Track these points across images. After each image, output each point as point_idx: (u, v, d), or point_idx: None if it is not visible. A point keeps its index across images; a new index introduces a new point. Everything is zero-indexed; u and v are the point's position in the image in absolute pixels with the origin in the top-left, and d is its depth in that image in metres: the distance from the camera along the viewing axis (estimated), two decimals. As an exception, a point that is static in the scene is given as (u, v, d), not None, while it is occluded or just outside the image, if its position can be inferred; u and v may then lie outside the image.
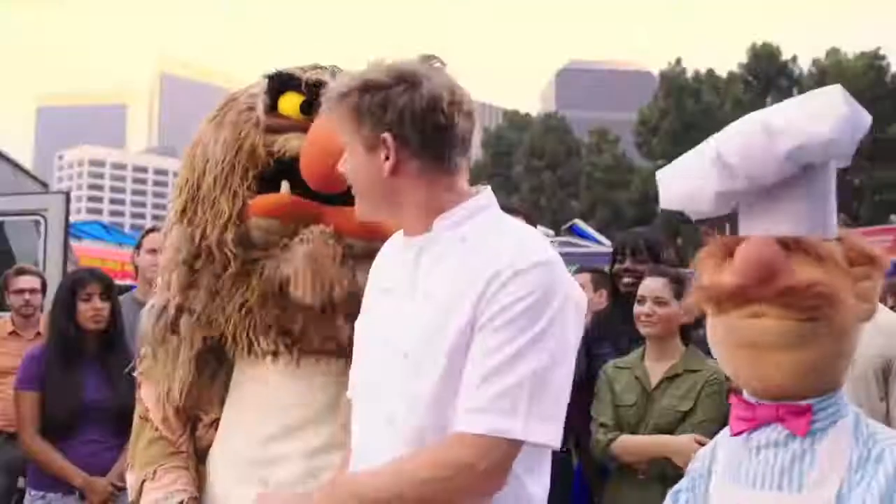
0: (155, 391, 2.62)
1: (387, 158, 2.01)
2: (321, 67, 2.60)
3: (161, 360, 2.59)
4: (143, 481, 2.54)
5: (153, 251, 4.91)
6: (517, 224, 2.13)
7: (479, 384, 1.89)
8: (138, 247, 5.31)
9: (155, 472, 2.54)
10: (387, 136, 2.00)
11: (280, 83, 2.55)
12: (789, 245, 1.48)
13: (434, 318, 1.97)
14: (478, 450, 1.88)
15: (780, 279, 1.46)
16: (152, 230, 5.39)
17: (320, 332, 2.46)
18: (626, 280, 4.33)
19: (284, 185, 2.48)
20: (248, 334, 2.49)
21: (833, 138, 1.45)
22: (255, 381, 2.53)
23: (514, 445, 1.90)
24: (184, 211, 2.56)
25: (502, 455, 1.90)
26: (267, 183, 2.49)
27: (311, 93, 2.49)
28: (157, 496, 2.50)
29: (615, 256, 4.50)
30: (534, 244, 2.04)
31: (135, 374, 2.72)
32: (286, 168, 2.49)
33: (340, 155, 2.14)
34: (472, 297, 1.93)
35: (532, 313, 1.91)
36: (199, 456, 2.61)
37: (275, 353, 2.49)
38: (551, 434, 1.93)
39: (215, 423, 2.60)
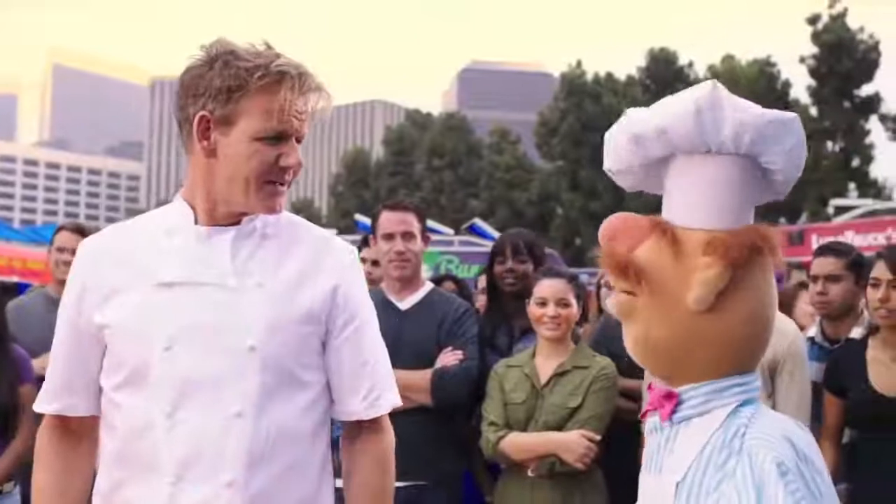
0: None
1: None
2: None
3: None
4: None
5: (61, 250, 5.06)
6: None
7: (370, 371, 2.13)
8: (51, 244, 5.27)
9: None
10: None
11: None
12: (659, 226, 1.49)
13: (276, 309, 1.99)
14: (388, 424, 2.20)
15: (615, 246, 1.51)
16: (63, 228, 5.31)
17: None
18: (508, 280, 4.30)
19: None
20: None
21: (663, 126, 1.47)
22: None
23: None
24: None
25: None
26: None
27: None
28: None
29: (495, 258, 4.43)
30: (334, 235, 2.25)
31: None
32: None
33: None
34: (323, 288, 2.05)
35: (367, 299, 2.17)
36: None
37: None
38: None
39: None
